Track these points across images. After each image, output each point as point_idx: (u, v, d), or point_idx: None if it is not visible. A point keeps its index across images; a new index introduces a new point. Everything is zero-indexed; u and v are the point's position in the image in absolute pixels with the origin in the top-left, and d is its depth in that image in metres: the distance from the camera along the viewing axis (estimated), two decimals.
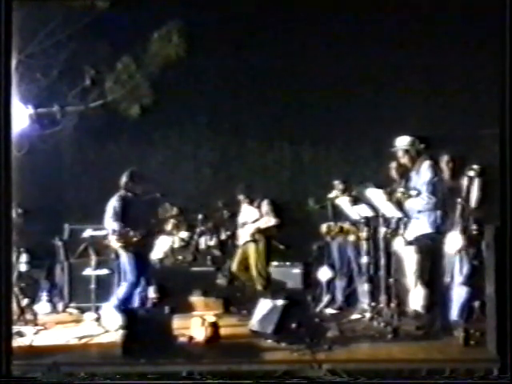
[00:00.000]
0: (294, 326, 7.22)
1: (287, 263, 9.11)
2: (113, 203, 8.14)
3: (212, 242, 9.57)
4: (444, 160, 7.67)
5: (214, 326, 7.33)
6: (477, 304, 7.17)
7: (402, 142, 7.83)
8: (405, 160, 7.84)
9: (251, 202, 9.07)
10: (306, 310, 7.68)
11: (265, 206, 9.03)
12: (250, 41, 9.60)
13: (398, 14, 8.76)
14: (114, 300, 8.05)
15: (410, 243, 7.62)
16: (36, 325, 7.95)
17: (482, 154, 8.32)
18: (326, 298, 8.58)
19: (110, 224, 8.11)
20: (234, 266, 9.10)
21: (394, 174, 8.02)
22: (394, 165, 8.00)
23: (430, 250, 7.52)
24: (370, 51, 9.48)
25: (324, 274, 8.64)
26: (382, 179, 8.14)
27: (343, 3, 8.73)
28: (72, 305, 9.02)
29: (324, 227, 8.74)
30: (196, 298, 8.70)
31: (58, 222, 9.37)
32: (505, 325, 6.25)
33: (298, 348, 6.82)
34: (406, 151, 7.81)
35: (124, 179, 8.17)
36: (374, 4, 8.44)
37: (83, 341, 7.39)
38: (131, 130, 10.33)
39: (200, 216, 9.10)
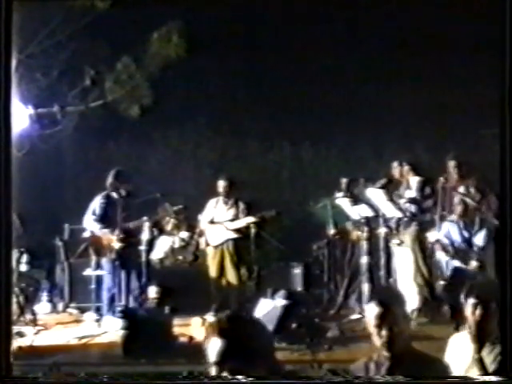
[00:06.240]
0: (294, 326, 7.21)
1: (287, 263, 9.09)
2: (96, 202, 8.16)
3: None
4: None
5: None
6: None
7: None
8: None
9: (226, 201, 8.92)
10: (306, 310, 7.67)
11: (241, 204, 8.88)
12: (249, 41, 9.60)
13: (399, 14, 8.76)
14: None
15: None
16: (36, 325, 7.95)
17: (482, 154, 8.33)
18: (326, 298, 8.59)
19: (91, 224, 8.13)
20: (214, 272, 8.69)
21: None
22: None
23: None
24: (370, 51, 9.48)
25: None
26: (381, 179, 8.14)
27: (343, 3, 8.73)
28: (72, 305, 9.02)
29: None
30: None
31: (57, 222, 9.37)
32: (505, 324, 6.24)
33: (298, 348, 6.82)
34: None
35: (110, 179, 8.19)
36: (374, 4, 8.44)
37: (83, 341, 7.40)
38: (131, 129, 10.33)
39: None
